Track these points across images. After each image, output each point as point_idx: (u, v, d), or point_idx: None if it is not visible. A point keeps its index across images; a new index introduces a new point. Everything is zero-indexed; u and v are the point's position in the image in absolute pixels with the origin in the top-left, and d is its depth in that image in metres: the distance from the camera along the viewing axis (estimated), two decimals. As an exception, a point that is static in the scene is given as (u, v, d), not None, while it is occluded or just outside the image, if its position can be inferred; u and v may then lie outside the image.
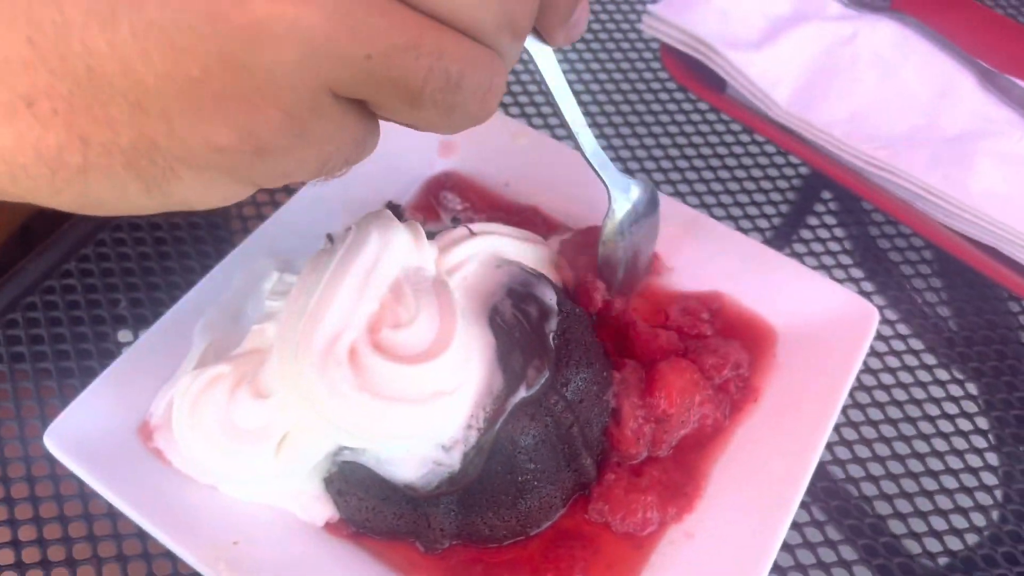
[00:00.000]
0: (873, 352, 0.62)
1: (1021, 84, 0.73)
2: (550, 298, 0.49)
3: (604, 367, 0.51)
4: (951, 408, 0.60)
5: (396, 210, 0.49)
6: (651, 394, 0.51)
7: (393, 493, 0.46)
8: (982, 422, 0.60)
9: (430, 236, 0.50)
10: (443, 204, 0.64)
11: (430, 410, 0.43)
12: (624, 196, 0.54)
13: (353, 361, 0.43)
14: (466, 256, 0.50)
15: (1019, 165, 0.68)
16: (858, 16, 0.78)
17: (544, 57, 0.43)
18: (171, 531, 0.46)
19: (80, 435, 0.48)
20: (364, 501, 0.47)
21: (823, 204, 0.71)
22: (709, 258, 0.59)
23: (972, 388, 0.62)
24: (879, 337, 0.63)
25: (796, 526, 0.54)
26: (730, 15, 0.74)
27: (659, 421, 0.51)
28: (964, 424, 0.60)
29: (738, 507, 0.50)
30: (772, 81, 0.71)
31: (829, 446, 0.58)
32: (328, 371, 0.42)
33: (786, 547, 0.53)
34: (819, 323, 0.57)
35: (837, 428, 0.58)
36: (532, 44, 0.41)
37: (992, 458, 0.58)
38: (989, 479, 0.58)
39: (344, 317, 0.44)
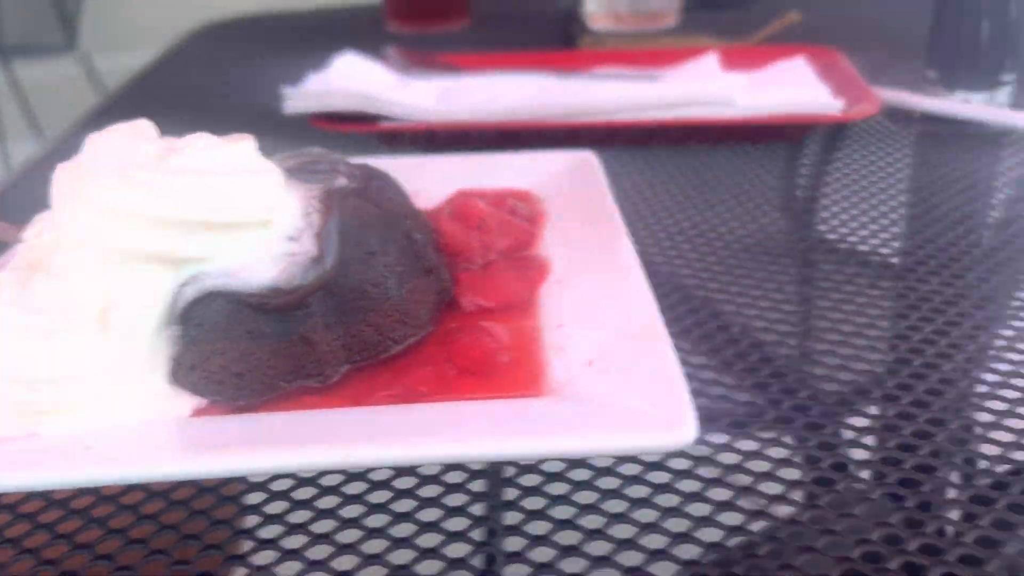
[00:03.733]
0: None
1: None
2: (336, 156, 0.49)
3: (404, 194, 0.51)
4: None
5: None
6: (456, 208, 0.52)
7: (259, 321, 0.40)
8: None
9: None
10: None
11: (250, 182, 0.40)
12: None
13: (154, 165, 0.39)
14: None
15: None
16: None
17: None
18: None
19: None
20: (229, 353, 0.40)
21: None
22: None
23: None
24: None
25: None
26: (357, 86, 0.85)
27: (479, 228, 0.51)
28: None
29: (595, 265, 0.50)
30: (417, 101, 0.81)
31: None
32: (129, 174, 0.38)
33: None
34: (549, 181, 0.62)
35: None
36: None
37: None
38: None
39: (120, 155, 0.40)
